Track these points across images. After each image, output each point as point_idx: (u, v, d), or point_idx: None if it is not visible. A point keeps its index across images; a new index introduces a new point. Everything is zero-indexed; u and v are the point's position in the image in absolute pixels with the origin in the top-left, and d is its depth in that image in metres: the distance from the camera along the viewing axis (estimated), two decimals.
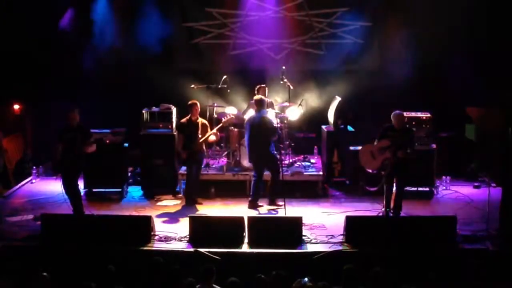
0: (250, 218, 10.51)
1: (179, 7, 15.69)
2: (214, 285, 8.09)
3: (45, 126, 14.59)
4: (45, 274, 8.15)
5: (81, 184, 12.05)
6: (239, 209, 11.96)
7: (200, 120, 12.45)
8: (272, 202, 12.17)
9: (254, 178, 12.22)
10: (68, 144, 11.15)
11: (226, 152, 13.87)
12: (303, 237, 10.39)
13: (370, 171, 11.47)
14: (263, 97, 12.48)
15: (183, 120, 12.47)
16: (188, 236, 10.40)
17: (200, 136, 12.27)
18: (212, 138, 12.55)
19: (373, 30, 15.56)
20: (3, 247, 10.13)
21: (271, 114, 13.36)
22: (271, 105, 13.76)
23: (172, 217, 11.70)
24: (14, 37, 14.54)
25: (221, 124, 12.66)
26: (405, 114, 11.46)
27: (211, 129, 12.46)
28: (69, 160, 11.13)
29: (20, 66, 14.76)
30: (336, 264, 9.19)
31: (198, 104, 12.53)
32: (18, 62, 14.74)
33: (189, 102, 12.50)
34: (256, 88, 13.50)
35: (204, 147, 12.49)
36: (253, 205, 12.06)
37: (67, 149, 11.15)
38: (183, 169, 13.06)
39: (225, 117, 12.79)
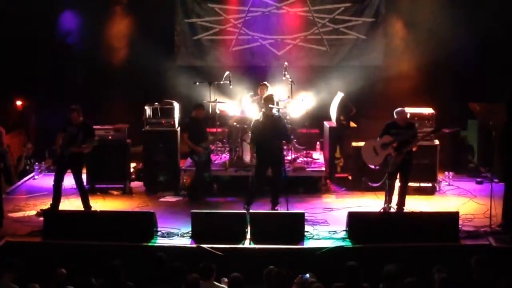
0: (252, 214, 10.52)
1: (182, 3, 15.69)
2: (214, 282, 8.08)
3: (48, 123, 14.60)
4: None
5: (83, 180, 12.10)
6: (241, 205, 11.93)
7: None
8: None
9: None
10: (70, 139, 11.25)
11: (228, 148, 13.86)
12: (305, 233, 10.38)
13: (373, 167, 11.48)
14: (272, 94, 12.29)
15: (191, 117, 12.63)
16: (190, 232, 10.41)
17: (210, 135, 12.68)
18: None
19: (376, 26, 15.55)
20: (6, 243, 10.14)
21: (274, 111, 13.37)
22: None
23: (175, 213, 11.69)
24: (17, 33, 14.57)
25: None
26: (407, 110, 11.49)
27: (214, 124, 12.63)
28: (69, 154, 11.22)
29: (23, 62, 14.79)
30: (338, 260, 9.18)
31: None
32: (21, 59, 14.76)
33: (199, 103, 12.73)
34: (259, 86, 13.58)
35: None
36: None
37: (68, 143, 11.24)
38: (186, 165, 13.08)
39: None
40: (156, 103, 13.44)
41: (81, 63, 15.08)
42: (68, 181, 11.95)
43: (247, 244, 10.12)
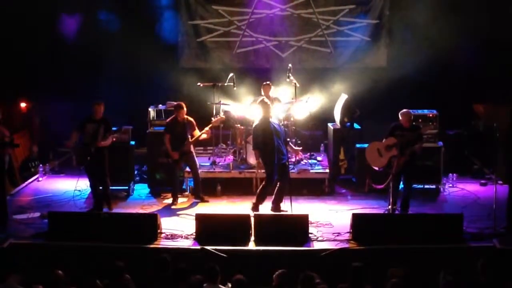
0: (256, 216, 10.52)
1: (185, 5, 15.71)
2: (220, 286, 8.07)
3: (52, 124, 14.63)
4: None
5: (87, 182, 12.11)
6: (245, 207, 11.92)
7: (186, 117, 12.37)
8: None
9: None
10: (91, 136, 11.43)
11: (232, 150, 13.86)
12: (310, 235, 10.38)
13: (377, 168, 11.47)
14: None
15: (169, 120, 12.44)
16: (194, 234, 10.41)
17: (189, 136, 12.28)
18: (204, 136, 12.52)
19: (380, 28, 15.54)
20: (10, 245, 10.14)
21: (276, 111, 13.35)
22: (276, 101, 13.73)
23: (179, 215, 11.71)
24: (20, 34, 14.59)
25: (211, 124, 12.55)
26: (411, 112, 11.50)
27: (197, 126, 12.40)
28: (93, 152, 11.37)
29: (27, 64, 14.81)
30: (342, 261, 9.17)
31: (184, 106, 12.40)
32: (24, 60, 14.78)
33: (176, 104, 12.44)
34: (262, 85, 13.59)
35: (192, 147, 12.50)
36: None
37: (92, 140, 11.41)
38: (188, 168, 13.09)
39: (214, 117, 12.74)
40: (160, 105, 13.45)
41: (84, 64, 15.08)
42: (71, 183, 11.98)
43: (251, 246, 10.12)
